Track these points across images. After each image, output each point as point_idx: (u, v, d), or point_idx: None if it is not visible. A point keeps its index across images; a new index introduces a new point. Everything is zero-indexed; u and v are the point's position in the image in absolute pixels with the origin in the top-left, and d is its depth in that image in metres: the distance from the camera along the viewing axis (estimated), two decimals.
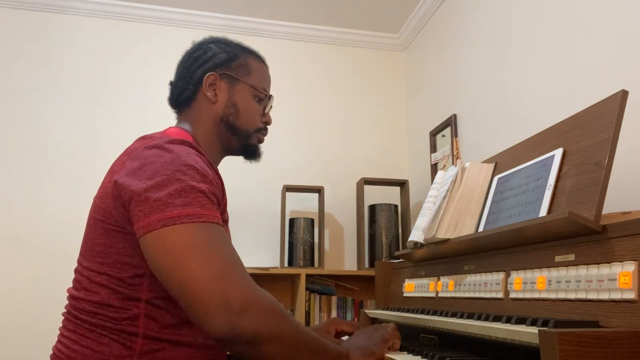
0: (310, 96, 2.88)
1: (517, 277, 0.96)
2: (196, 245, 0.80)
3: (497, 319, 0.90)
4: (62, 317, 0.96)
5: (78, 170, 2.52)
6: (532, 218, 0.96)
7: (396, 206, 2.55)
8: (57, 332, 0.97)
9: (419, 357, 0.99)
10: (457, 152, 2.22)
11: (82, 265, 0.94)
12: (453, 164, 2.23)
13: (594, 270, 0.78)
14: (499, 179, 1.20)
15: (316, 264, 2.51)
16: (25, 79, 2.57)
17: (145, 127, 2.33)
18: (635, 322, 0.69)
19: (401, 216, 2.58)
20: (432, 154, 2.48)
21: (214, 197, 0.88)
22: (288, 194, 2.66)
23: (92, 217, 0.94)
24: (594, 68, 1.43)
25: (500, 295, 1.01)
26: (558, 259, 0.88)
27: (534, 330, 0.71)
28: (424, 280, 1.37)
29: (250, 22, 2.84)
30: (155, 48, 2.73)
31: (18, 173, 2.47)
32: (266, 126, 1.16)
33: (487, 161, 1.31)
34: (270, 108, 1.18)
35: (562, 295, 0.84)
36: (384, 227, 2.48)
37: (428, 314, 1.17)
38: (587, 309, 0.78)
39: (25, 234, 2.41)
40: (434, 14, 2.60)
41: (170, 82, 1.16)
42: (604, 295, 0.75)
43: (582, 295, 0.79)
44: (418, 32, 2.81)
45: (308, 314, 2.37)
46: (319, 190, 2.58)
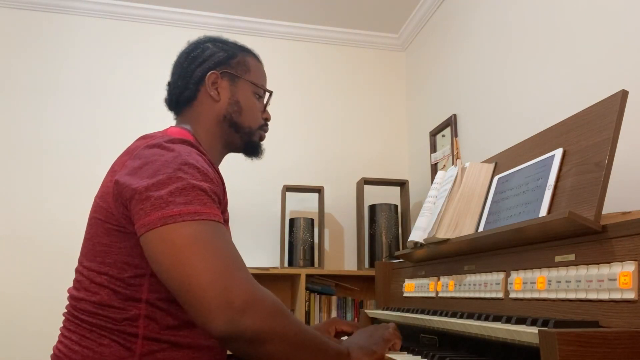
0: (310, 96, 2.88)
1: (517, 277, 0.96)
2: (197, 243, 0.79)
3: (497, 319, 0.90)
4: (62, 318, 0.96)
5: (78, 170, 2.52)
6: (532, 218, 0.96)
7: (396, 206, 2.55)
8: (57, 333, 0.97)
9: (419, 357, 0.99)
10: (457, 152, 2.22)
11: (83, 265, 0.94)
12: (453, 164, 2.23)
13: (594, 270, 0.78)
14: (499, 179, 1.20)
15: (316, 264, 2.51)
16: (25, 78, 2.57)
17: (145, 126, 2.33)
18: (635, 322, 0.69)
19: (401, 216, 2.58)
20: (432, 154, 2.48)
21: (215, 195, 0.88)
22: (288, 194, 2.66)
23: (93, 217, 0.94)
24: (594, 68, 1.43)
25: (500, 295, 1.01)
26: (558, 259, 0.88)
27: (534, 330, 0.71)
28: (424, 280, 1.37)
29: (250, 22, 2.84)
30: (155, 48, 2.73)
31: (18, 173, 2.47)
32: (267, 123, 1.17)
33: (487, 161, 1.31)
34: (268, 104, 1.19)
35: (562, 295, 0.84)
36: (384, 227, 2.48)
37: (428, 314, 1.17)
38: (587, 309, 0.78)
39: (26, 234, 2.41)
40: (434, 14, 2.60)
41: (168, 83, 1.15)
42: (604, 295, 0.75)
43: (582, 295, 0.79)
44: (418, 32, 2.81)
45: (308, 314, 2.37)
46: (319, 190, 2.58)
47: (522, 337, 0.75)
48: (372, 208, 2.55)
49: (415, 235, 1.35)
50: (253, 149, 1.17)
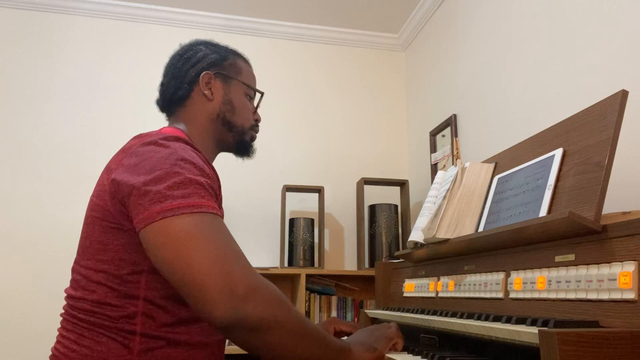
0: (310, 96, 2.88)
1: (517, 277, 0.96)
2: (197, 235, 0.80)
3: (497, 319, 0.90)
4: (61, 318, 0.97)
5: (77, 170, 2.52)
6: (532, 218, 0.96)
7: (396, 206, 2.55)
8: (57, 333, 0.97)
9: (419, 357, 0.99)
10: (457, 152, 2.22)
11: (80, 264, 0.95)
12: (453, 164, 2.23)
13: (594, 270, 0.78)
14: (499, 179, 1.20)
15: (316, 264, 2.51)
16: (25, 78, 2.57)
17: (144, 126, 2.34)
18: (635, 322, 0.69)
19: (401, 216, 2.58)
20: (432, 154, 2.48)
21: (211, 189, 0.89)
22: (288, 194, 2.66)
23: (90, 215, 0.95)
24: (594, 68, 1.43)
25: (500, 295, 1.01)
26: (558, 259, 0.88)
27: (534, 330, 0.71)
28: (424, 280, 1.37)
29: (250, 22, 2.84)
30: (155, 48, 2.73)
31: (16, 172, 2.47)
32: (257, 123, 1.21)
33: (487, 161, 1.31)
34: (259, 106, 1.22)
35: (562, 295, 0.84)
36: (384, 227, 2.48)
37: (428, 314, 1.17)
38: (587, 309, 0.78)
39: (25, 234, 2.41)
40: (434, 14, 2.60)
41: (161, 84, 1.17)
42: (604, 295, 0.75)
43: (582, 295, 0.79)
44: (418, 32, 2.81)
45: (308, 314, 2.37)
46: (319, 190, 2.58)
47: (522, 337, 0.75)
48: (372, 208, 2.55)
49: (415, 235, 1.35)
50: (244, 148, 1.19)
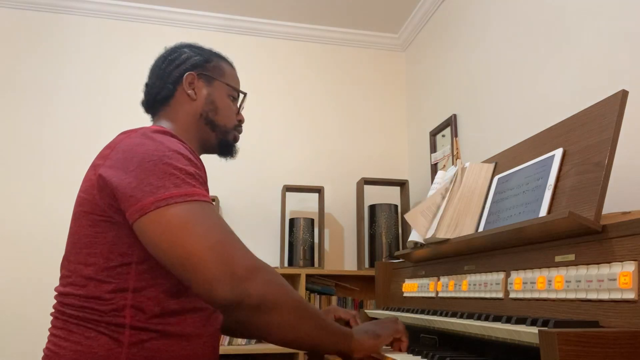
0: (310, 96, 2.88)
1: (517, 277, 0.96)
2: (193, 222, 0.82)
3: (497, 319, 0.90)
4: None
5: (78, 169, 2.51)
6: (532, 218, 0.96)
7: (396, 206, 2.55)
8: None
9: (419, 357, 0.99)
10: (457, 152, 2.22)
11: (69, 260, 0.95)
12: (453, 164, 2.23)
13: (594, 270, 0.78)
14: (499, 179, 1.20)
15: (316, 264, 2.51)
16: (26, 78, 2.57)
17: (145, 125, 2.33)
18: (635, 322, 0.69)
19: (401, 216, 2.58)
20: (432, 154, 2.48)
21: (201, 178, 0.91)
22: (288, 194, 2.66)
23: (78, 211, 0.95)
24: (594, 68, 1.43)
25: (500, 295, 1.01)
26: (558, 259, 0.88)
27: (534, 330, 0.71)
28: (424, 280, 1.37)
29: (250, 22, 2.84)
30: (155, 48, 2.72)
31: (17, 172, 2.47)
32: (240, 124, 1.22)
33: (487, 161, 1.31)
34: (242, 107, 1.23)
35: (562, 295, 0.84)
36: (384, 227, 2.48)
37: (428, 314, 1.17)
38: (587, 309, 0.78)
39: (26, 234, 2.41)
40: (434, 14, 2.60)
41: (146, 85, 1.20)
42: (604, 295, 0.75)
43: (582, 295, 0.79)
44: (418, 32, 2.81)
45: None
46: (319, 190, 2.58)
47: (522, 337, 0.75)
48: (372, 208, 2.55)
49: (415, 235, 1.35)
50: (227, 148, 1.20)
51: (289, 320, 0.85)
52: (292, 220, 2.53)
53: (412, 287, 1.44)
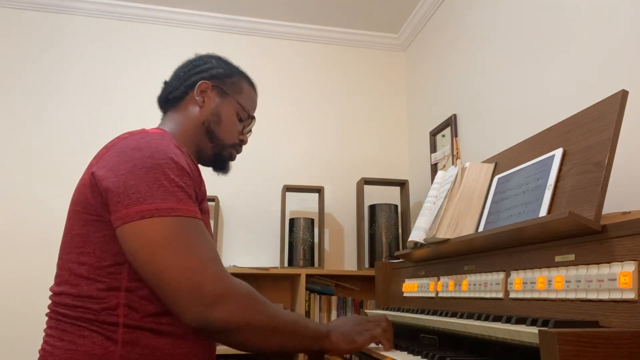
0: (310, 96, 2.88)
1: (517, 277, 0.96)
2: (172, 239, 0.84)
3: (497, 319, 0.90)
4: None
5: (76, 169, 2.51)
6: (532, 218, 0.96)
7: (396, 206, 2.55)
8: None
9: (419, 357, 0.99)
10: (457, 152, 2.22)
11: (62, 259, 0.96)
12: (453, 164, 2.23)
13: (594, 270, 0.78)
14: (499, 179, 1.20)
15: (316, 264, 2.51)
16: (26, 78, 2.57)
17: (145, 126, 2.33)
18: (635, 322, 0.69)
19: (401, 216, 2.58)
20: (432, 154, 2.48)
21: (191, 190, 0.92)
22: (288, 194, 2.66)
23: (72, 210, 0.96)
24: (594, 68, 1.43)
25: (500, 295, 1.01)
26: (558, 259, 0.88)
27: (534, 330, 0.71)
28: (424, 280, 1.37)
29: (250, 22, 2.84)
30: (155, 48, 2.73)
31: (18, 172, 2.47)
32: (241, 144, 1.22)
33: (487, 161, 1.31)
34: (250, 131, 1.24)
35: (562, 295, 0.84)
36: (384, 227, 2.48)
37: (428, 314, 1.17)
38: (587, 309, 0.78)
39: (26, 234, 2.41)
40: (434, 14, 2.60)
41: (165, 82, 1.21)
42: (604, 295, 0.75)
43: (582, 295, 0.79)
44: (418, 32, 2.81)
45: (308, 314, 2.37)
46: (319, 190, 2.58)
47: (522, 337, 0.75)
48: (372, 208, 2.55)
49: (415, 235, 1.35)
50: (221, 163, 1.21)
51: (255, 338, 0.89)
52: (292, 220, 2.53)
53: (412, 287, 1.44)
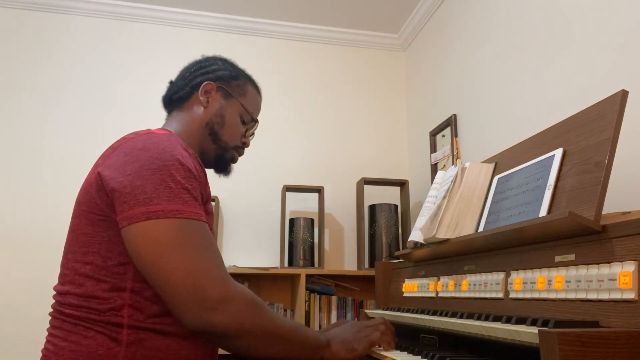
0: (310, 96, 2.88)
1: (517, 277, 0.96)
2: (176, 241, 0.84)
3: (497, 319, 0.90)
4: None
5: (78, 169, 2.52)
6: (532, 218, 0.96)
7: (396, 206, 2.55)
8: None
9: (419, 357, 0.99)
10: (457, 152, 2.22)
11: (67, 258, 0.95)
12: (453, 164, 2.23)
13: (594, 270, 0.78)
14: (499, 179, 1.20)
15: (316, 264, 2.51)
16: (26, 78, 2.57)
17: (145, 126, 2.33)
18: (635, 322, 0.69)
19: (401, 216, 2.58)
20: (432, 154, 2.48)
21: (197, 192, 0.92)
22: (288, 194, 2.66)
23: (78, 209, 0.96)
24: (594, 68, 1.43)
25: (500, 295, 1.01)
26: (558, 259, 0.88)
27: (534, 330, 0.71)
28: (424, 280, 1.37)
29: (250, 22, 2.84)
30: (155, 48, 2.73)
31: (18, 173, 2.47)
32: (244, 147, 1.23)
33: (487, 161, 1.31)
34: (252, 134, 1.25)
35: (562, 295, 0.84)
36: (384, 227, 2.48)
37: (428, 314, 1.17)
38: (587, 309, 0.78)
39: (26, 234, 2.41)
40: (434, 14, 2.60)
41: (171, 81, 1.22)
42: (604, 295, 0.75)
43: (582, 295, 0.79)
44: (418, 32, 2.81)
45: (308, 314, 2.37)
46: (319, 190, 2.58)
47: (522, 337, 0.75)
48: (372, 208, 2.55)
49: (415, 235, 1.35)
50: (223, 165, 1.21)
51: (255, 344, 0.89)
52: (292, 220, 2.53)
53: (412, 287, 1.44)
